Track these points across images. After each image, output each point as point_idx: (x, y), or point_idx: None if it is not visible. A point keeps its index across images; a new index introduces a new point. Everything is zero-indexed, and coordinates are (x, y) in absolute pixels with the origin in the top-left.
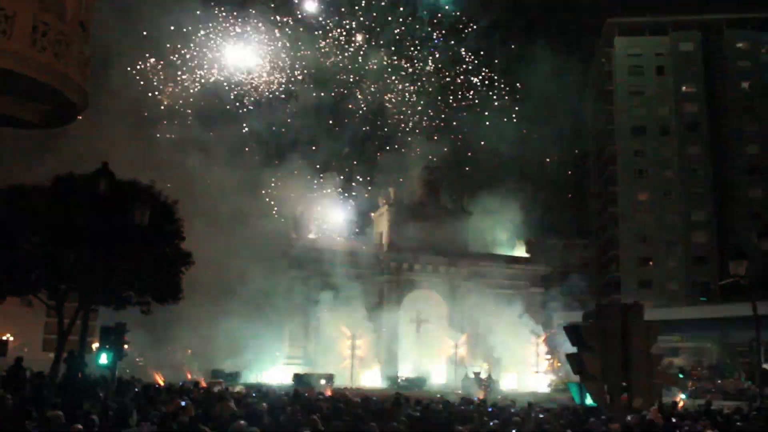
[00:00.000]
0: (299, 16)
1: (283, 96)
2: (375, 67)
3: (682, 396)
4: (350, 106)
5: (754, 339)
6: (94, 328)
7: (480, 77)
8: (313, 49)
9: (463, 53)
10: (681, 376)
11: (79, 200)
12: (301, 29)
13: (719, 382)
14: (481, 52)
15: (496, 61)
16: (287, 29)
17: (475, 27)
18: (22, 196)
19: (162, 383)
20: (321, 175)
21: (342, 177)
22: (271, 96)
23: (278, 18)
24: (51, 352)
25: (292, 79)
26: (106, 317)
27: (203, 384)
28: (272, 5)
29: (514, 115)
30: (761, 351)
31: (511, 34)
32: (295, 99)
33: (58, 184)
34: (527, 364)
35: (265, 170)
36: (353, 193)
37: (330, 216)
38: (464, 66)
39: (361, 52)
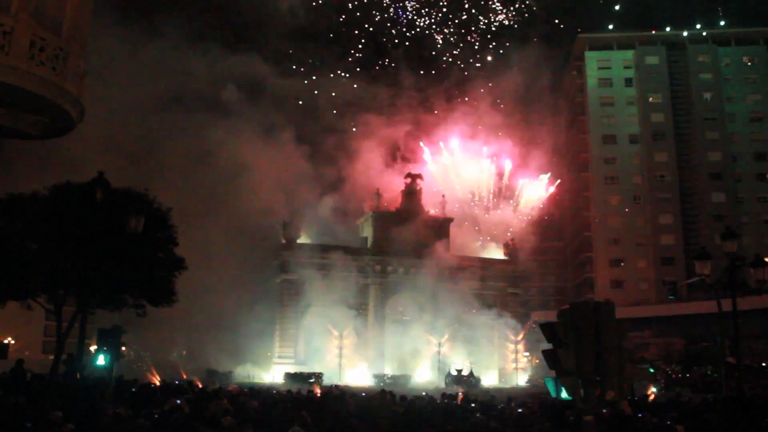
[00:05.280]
0: None
1: None
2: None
3: (653, 389)
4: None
5: (719, 334)
6: (91, 330)
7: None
8: None
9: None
10: (651, 370)
11: (76, 208)
12: None
13: (687, 375)
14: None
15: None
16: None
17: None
18: (22, 205)
19: (158, 383)
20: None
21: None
22: None
23: None
24: (51, 354)
25: None
26: (103, 319)
27: (198, 384)
28: None
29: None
30: (726, 345)
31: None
32: None
33: (56, 193)
34: (507, 361)
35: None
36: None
37: (319, 221)
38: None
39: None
